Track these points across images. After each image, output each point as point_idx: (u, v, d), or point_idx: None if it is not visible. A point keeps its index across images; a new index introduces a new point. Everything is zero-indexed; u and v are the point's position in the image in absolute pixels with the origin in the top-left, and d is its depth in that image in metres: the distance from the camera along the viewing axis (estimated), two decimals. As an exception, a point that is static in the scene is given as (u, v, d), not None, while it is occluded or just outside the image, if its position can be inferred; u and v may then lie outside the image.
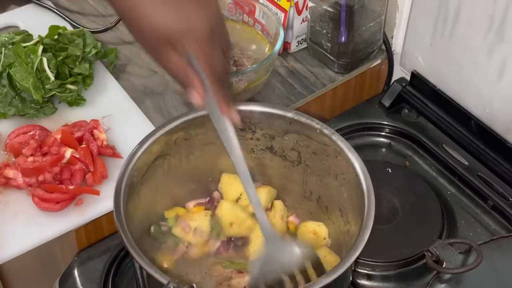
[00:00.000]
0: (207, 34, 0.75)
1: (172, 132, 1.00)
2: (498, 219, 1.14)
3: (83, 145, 1.14)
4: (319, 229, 1.03)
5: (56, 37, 1.25)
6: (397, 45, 1.36)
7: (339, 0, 1.21)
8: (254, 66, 1.16)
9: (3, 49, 1.20)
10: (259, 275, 0.89)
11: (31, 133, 1.16)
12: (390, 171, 1.19)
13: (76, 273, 1.06)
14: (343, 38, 1.26)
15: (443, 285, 1.06)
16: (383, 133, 1.28)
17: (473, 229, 1.13)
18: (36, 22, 1.36)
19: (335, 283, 0.85)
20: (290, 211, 1.09)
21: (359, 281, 1.06)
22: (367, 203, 0.92)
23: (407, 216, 1.12)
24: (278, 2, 1.29)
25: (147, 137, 0.98)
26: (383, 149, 1.27)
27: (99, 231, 1.12)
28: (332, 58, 1.30)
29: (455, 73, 1.23)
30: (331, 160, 1.00)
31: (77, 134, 1.15)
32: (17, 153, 1.13)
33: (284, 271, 0.89)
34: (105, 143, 1.15)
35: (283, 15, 1.29)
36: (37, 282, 1.21)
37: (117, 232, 0.88)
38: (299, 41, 1.34)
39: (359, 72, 1.34)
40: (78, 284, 1.05)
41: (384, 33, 1.33)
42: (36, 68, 1.18)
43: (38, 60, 1.18)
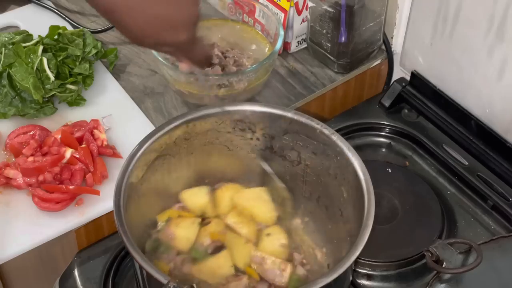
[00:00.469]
0: (187, 40, 0.92)
1: (172, 132, 1.00)
2: (498, 219, 1.14)
3: (83, 145, 1.14)
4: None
5: (56, 37, 1.25)
6: (397, 45, 1.36)
7: (339, 0, 1.21)
8: (254, 66, 1.16)
9: (3, 49, 1.20)
10: None
11: (31, 133, 1.16)
12: (390, 171, 1.19)
13: (76, 273, 1.06)
14: (343, 38, 1.26)
15: (443, 285, 1.06)
16: (383, 133, 1.28)
17: (473, 229, 1.13)
18: (36, 22, 1.36)
19: (335, 283, 0.85)
20: (290, 211, 1.09)
21: (359, 281, 1.06)
22: (367, 203, 0.92)
23: (407, 216, 1.12)
24: (278, 2, 1.29)
25: (147, 137, 0.98)
26: (383, 149, 1.27)
27: (99, 231, 1.12)
28: (332, 58, 1.30)
29: (455, 73, 1.23)
30: (331, 160, 1.00)
31: (77, 134, 1.15)
32: (17, 153, 1.13)
33: None
34: (105, 143, 1.15)
35: (283, 15, 1.29)
36: (37, 282, 1.21)
37: (117, 232, 0.88)
38: (299, 41, 1.34)
39: (359, 72, 1.34)
40: (78, 284, 1.05)
41: (384, 33, 1.33)
42: (36, 68, 1.18)
43: (38, 60, 1.19)
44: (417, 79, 1.30)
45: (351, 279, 0.98)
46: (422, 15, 1.25)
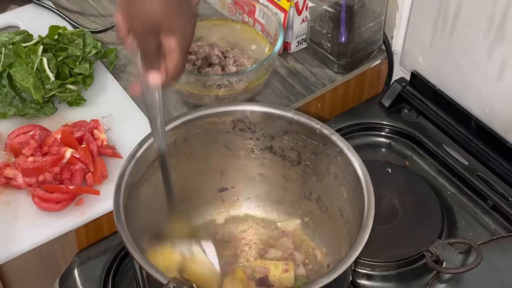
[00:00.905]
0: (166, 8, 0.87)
1: (172, 132, 1.00)
2: (498, 219, 1.14)
3: (83, 145, 1.14)
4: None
5: (56, 37, 1.25)
6: (397, 45, 1.36)
7: (339, 0, 1.21)
8: (254, 66, 1.16)
9: (3, 49, 1.20)
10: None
11: (31, 133, 1.16)
12: (390, 171, 1.19)
13: (76, 273, 1.06)
14: (343, 38, 1.26)
15: (443, 285, 1.06)
16: (383, 133, 1.28)
17: (473, 229, 1.13)
18: (36, 22, 1.36)
19: (335, 283, 0.85)
20: (290, 211, 1.09)
21: (359, 281, 1.06)
22: (367, 203, 0.92)
23: (407, 216, 1.12)
24: (278, 2, 1.29)
25: (147, 137, 0.98)
26: (383, 149, 1.27)
27: (99, 231, 1.12)
28: (332, 58, 1.30)
29: (455, 73, 1.23)
30: (331, 160, 1.00)
31: (77, 134, 1.15)
32: (17, 153, 1.13)
33: None
34: (105, 143, 1.15)
35: (283, 15, 1.29)
36: (37, 282, 1.21)
37: (117, 232, 0.88)
38: (299, 41, 1.34)
39: (359, 72, 1.34)
40: (78, 284, 1.05)
41: (384, 33, 1.33)
42: (36, 68, 1.18)
43: (38, 60, 1.19)
44: (417, 79, 1.30)
45: (351, 279, 0.98)
46: (422, 15, 1.25)
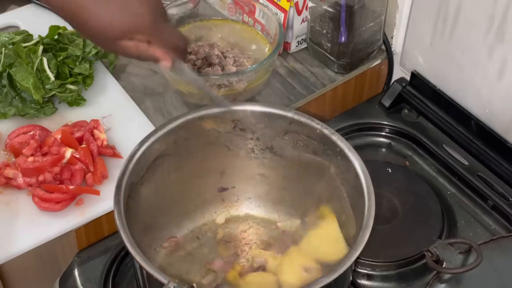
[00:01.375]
0: (152, 24, 0.86)
1: (172, 132, 1.00)
2: (498, 219, 1.14)
3: (83, 145, 1.14)
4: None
5: (56, 37, 1.25)
6: (397, 45, 1.36)
7: (339, 0, 1.21)
8: (254, 66, 1.16)
9: (3, 49, 1.20)
10: None
11: (31, 133, 1.16)
12: (390, 171, 1.19)
13: (76, 273, 1.06)
14: (343, 38, 1.26)
15: (443, 285, 1.06)
16: (383, 133, 1.28)
17: (473, 229, 1.13)
18: (36, 22, 1.36)
19: (335, 283, 0.85)
20: (290, 211, 1.09)
21: (359, 281, 1.06)
22: (367, 203, 0.92)
23: (407, 216, 1.12)
24: (278, 2, 1.29)
25: (147, 137, 0.99)
26: (383, 149, 1.27)
27: (99, 231, 1.12)
28: (332, 58, 1.30)
29: (455, 73, 1.23)
30: (331, 160, 1.00)
31: (77, 134, 1.15)
32: (17, 153, 1.13)
33: None
34: (105, 143, 1.15)
35: (283, 15, 1.29)
36: (37, 282, 1.21)
37: (117, 232, 0.88)
38: (299, 41, 1.34)
39: (359, 72, 1.34)
40: (78, 284, 1.05)
41: (384, 33, 1.33)
42: (36, 68, 1.18)
43: (38, 60, 1.19)
44: (417, 79, 1.30)
45: (351, 279, 0.98)
46: (422, 15, 1.25)
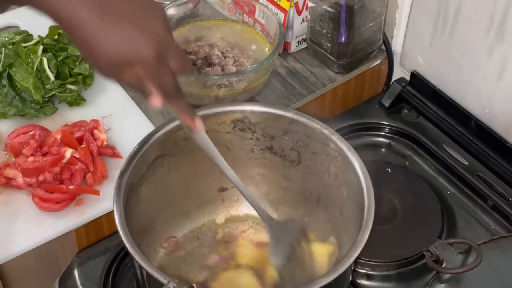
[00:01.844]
0: (154, 57, 0.83)
1: (172, 132, 1.00)
2: (498, 219, 1.14)
3: (83, 145, 1.14)
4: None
5: (56, 37, 1.25)
6: (397, 45, 1.36)
7: (339, 0, 1.21)
8: (254, 66, 1.16)
9: (3, 49, 1.20)
10: (276, 257, 0.98)
11: (31, 133, 1.16)
12: (390, 171, 1.19)
13: (76, 273, 1.06)
14: (343, 38, 1.26)
15: (443, 285, 1.06)
16: (383, 133, 1.28)
17: (473, 229, 1.13)
18: (36, 22, 1.34)
19: (335, 283, 0.85)
20: (290, 211, 1.09)
21: (359, 281, 1.06)
22: (367, 203, 0.92)
23: (407, 216, 1.12)
24: (278, 2, 1.29)
25: (147, 137, 0.99)
26: (383, 149, 1.27)
27: (99, 231, 1.12)
28: (332, 58, 1.30)
29: (455, 73, 1.23)
30: (331, 160, 1.00)
31: (77, 134, 1.15)
32: (17, 153, 1.13)
33: (291, 244, 0.99)
34: (105, 143, 1.15)
35: (283, 15, 1.29)
36: (37, 282, 1.21)
37: (117, 232, 0.88)
38: (299, 41, 1.34)
39: (359, 72, 1.34)
40: (78, 284, 1.05)
41: (384, 33, 1.33)
42: (36, 68, 1.18)
43: (38, 60, 1.19)
44: (417, 79, 1.30)
45: (351, 279, 0.98)
46: (422, 15, 1.25)
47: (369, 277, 1.07)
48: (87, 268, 1.07)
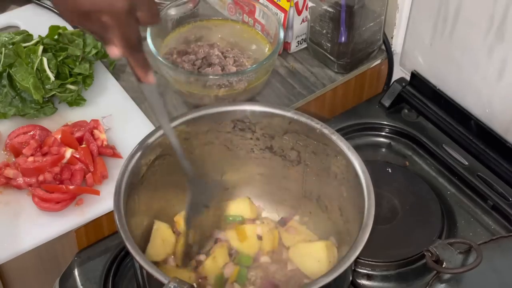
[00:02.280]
0: (126, 9, 0.85)
1: (172, 132, 1.00)
2: (498, 219, 1.14)
3: (83, 145, 1.14)
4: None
5: (56, 37, 1.25)
6: (397, 45, 1.36)
7: (339, 0, 1.21)
8: (254, 66, 1.16)
9: (3, 49, 1.20)
10: (190, 215, 1.02)
11: (31, 133, 1.16)
12: (390, 171, 1.19)
13: (76, 273, 1.06)
14: (343, 38, 1.26)
15: (443, 285, 1.06)
16: (383, 133, 1.28)
17: (473, 229, 1.13)
18: (36, 22, 1.36)
19: (335, 282, 0.85)
20: (290, 211, 1.09)
21: (359, 281, 1.06)
22: (367, 203, 0.92)
23: (407, 216, 1.12)
24: (278, 2, 1.29)
25: (147, 137, 0.99)
26: (383, 149, 1.27)
27: (99, 231, 1.12)
28: (332, 58, 1.30)
29: (455, 73, 1.23)
30: (331, 160, 1.00)
31: (77, 134, 1.15)
32: (17, 153, 1.13)
33: (205, 205, 1.03)
34: (105, 143, 1.15)
35: (283, 15, 1.29)
36: (37, 282, 1.21)
37: (117, 232, 0.88)
38: (299, 41, 1.34)
39: (359, 72, 1.34)
40: (78, 284, 1.05)
41: (384, 33, 1.33)
42: (36, 68, 1.18)
43: (38, 60, 1.19)
44: (417, 79, 1.30)
45: (351, 279, 0.98)
46: (422, 15, 1.25)
47: (369, 277, 1.07)
48: (87, 268, 1.07)
